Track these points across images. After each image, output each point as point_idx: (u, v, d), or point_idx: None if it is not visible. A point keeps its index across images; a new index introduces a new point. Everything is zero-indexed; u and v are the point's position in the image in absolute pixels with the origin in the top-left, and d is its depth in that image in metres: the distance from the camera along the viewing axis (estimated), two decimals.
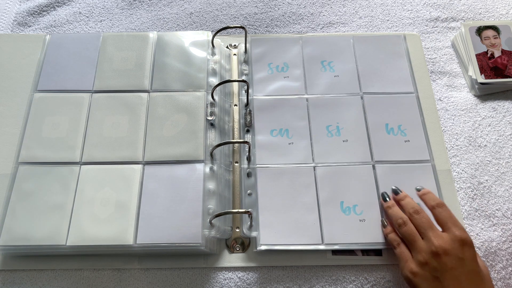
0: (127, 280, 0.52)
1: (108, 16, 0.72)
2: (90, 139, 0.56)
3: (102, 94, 0.59)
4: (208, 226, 0.50)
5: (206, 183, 0.53)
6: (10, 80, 0.63)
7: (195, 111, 0.57)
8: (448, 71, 0.66)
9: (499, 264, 0.52)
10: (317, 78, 0.63)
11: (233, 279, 0.52)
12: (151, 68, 0.61)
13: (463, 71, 0.66)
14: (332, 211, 0.53)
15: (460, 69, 0.67)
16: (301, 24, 0.71)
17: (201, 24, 0.71)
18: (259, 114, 0.60)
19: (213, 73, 0.61)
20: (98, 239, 0.50)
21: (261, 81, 0.63)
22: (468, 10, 0.72)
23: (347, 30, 0.70)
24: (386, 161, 0.57)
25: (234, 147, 0.59)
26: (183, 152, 0.55)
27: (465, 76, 0.66)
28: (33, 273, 0.52)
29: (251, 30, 0.70)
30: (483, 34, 0.66)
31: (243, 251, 0.53)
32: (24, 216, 0.51)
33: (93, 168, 0.54)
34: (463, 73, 0.66)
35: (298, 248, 0.51)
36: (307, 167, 0.56)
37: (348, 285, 0.51)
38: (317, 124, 0.59)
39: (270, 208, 0.53)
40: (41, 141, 0.56)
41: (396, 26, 0.70)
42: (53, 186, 0.53)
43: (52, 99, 0.59)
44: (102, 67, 0.61)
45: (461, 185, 0.57)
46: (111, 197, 0.52)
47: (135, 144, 0.55)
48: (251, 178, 0.56)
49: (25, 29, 0.71)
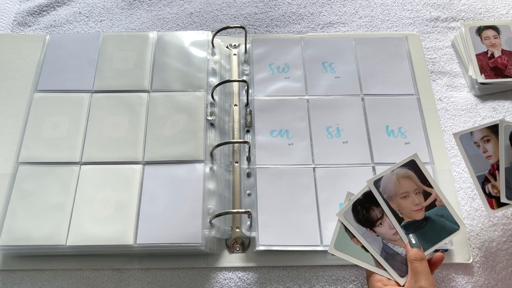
0: (127, 280, 0.52)
1: (108, 16, 0.72)
2: (90, 139, 0.56)
3: (102, 94, 0.59)
4: (208, 226, 0.50)
5: (206, 183, 0.53)
6: (10, 80, 0.63)
7: (195, 111, 0.57)
8: (448, 71, 0.66)
9: (499, 264, 0.52)
10: (318, 79, 0.63)
11: (233, 279, 0.52)
12: (151, 68, 0.61)
13: (463, 71, 0.66)
14: (331, 212, 0.53)
15: (460, 69, 0.67)
16: (301, 24, 0.71)
17: (201, 24, 0.71)
18: (259, 114, 0.60)
19: (213, 73, 0.61)
20: (98, 239, 0.50)
21: (262, 81, 0.63)
22: (468, 10, 0.72)
23: (347, 30, 0.70)
24: (386, 163, 0.57)
25: (234, 147, 0.59)
26: (183, 152, 0.55)
27: (465, 76, 0.66)
28: (33, 273, 0.52)
29: (251, 30, 0.70)
30: (483, 34, 0.66)
31: (243, 251, 0.53)
32: (24, 216, 0.51)
33: (93, 168, 0.54)
34: (463, 73, 0.66)
35: (296, 249, 0.51)
36: (307, 168, 0.56)
37: (348, 285, 0.51)
38: (317, 125, 0.59)
39: (269, 209, 0.54)
40: (41, 141, 0.56)
41: (396, 26, 0.70)
42: (53, 186, 0.53)
43: (52, 99, 0.59)
44: (102, 67, 0.61)
45: (461, 185, 0.57)
46: (111, 197, 0.52)
47: (135, 144, 0.55)
48: (250, 178, 0.56)
49: (25, 29, 0.71)
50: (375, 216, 0.48)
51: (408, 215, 0.47)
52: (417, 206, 0.47)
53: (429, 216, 0.47)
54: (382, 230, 0.47)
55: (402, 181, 0.48)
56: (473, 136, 0.50)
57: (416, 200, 0.48)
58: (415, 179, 0.48)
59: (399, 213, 0.47)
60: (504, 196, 0.48)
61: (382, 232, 0.47)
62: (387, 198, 0.48)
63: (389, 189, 0.48)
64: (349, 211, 0.48)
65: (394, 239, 0.47)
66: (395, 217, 0.47)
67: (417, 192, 0.48)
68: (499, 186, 0.49)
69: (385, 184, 0.48)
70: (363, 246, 0.47)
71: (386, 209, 0.47)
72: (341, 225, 0.48)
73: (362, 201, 0.48)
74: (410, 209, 0.47)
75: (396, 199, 0.48)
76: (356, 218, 0.48)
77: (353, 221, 0.48)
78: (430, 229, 0.47)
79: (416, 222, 0.47)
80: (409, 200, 0.48)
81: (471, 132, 0.50)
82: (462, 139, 0.50)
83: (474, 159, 0.50)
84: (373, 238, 0.47)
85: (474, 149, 0.50)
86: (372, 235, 0.47)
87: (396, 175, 0.48)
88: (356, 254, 0.47)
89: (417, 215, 0.47)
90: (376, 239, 0.47)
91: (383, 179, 0.48)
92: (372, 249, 0.47)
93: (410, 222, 0.47)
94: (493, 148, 0.50)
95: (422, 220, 0.47)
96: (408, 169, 0.48)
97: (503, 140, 0.49)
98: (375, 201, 0.48)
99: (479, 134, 0.50)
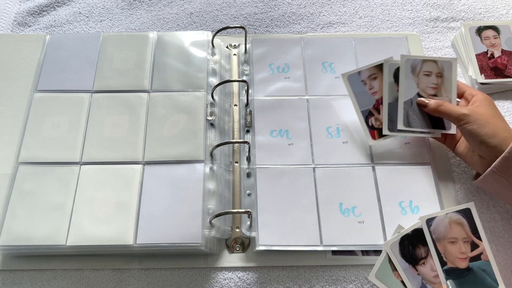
0: (127, 280, 0.52)
1: (108, 16, 0.72)
2: (90, 139, 0.56)
3: (102, 94, 0.59)
4: (208, 226, 0.50)
5: (206, 183, 0.53)
6: (10, 80, 0.63)
7: (195, 111, 0.57)
8: None
9: (499, 264, 0.52)
10: (318, 79, 0.63)
11: (233, 279, 0.52)
12: (151, 68, 0.61)
13: (463, 71, 0.66)
14: (331, 212, 0.53)
15: (460, 69, 0.67)
16: (301, 24, 0.71)
17: (201, 24, 0.71)
18: (259, 114, 0.60)
19: (213, 73, 0.61)
20: (98, 239, 0.50)
21: (262, 81, 0.63)
22: (468, 10, 0.72)
23: (347, 30, 0.70)
24: (386, 163, 0.57)
25: (234, 147, 0.59)
26: (183, 152, 0.55)
27: (465, 76, 0.66)
28: (33, 273, 0.52)
29: (251, 30, 0.70)
30: (483, 34, 0.66)
31: (243, 251, 0.53)
32: (24, 216, 0.51)
33: (93, 168, 0.54)
34: (463, 73, 0.66)
35: (296, 249, 0.51)
36: (307, 168, 0.56)
37: (348, 285, 0.51)
38: (317, 125, 0.59)
39: (269, 209, 0.54)
40: (41, 141, 0.56)
41: (396, 26, 0.70)
42: (53, 186, 0.53)
43: (52, 99, 0.59)
44: (102, 67, 0.61)
45: (461, 185, 0.57)
46: (111, 197, 0.52)
47: (135, 144, 0.55)
48: (250, 178, 0.56)
49: (25, 29, 0.71)
50: (420, 254, 0.49)
51: (452, 261, 0.48)
52: (463, 254, 0.48)
53: (472, 267, 0.48)
54: (424, 269, 0.48)
55: (454, 226, 0.49)
56: (361, 75, 0.56)
57: (463, 248, 0.48)
58: (466, 228, 0.49)
59: (444, 257, 0.48)
60: (387, 129, 0.54)
61: (423, 271, 0.48)
62: (435, 239, 0.49)
63: (439, 231, 0.49)
64: (396, 244, 0.49)
65: (433, 282, 0.48)
66: (439, 260, 0.48)
67: (465, 241, 0.49)
68: (382, 119, 0.55)
69: (436, 225, 0.49)
70: (403, 282, 0.48)
71: (432, 250, 0.48)
72: (386, 256, 0.49)
73: (411, 236, 0.49)
74: (456, 255, 0.48)
75: (443, 242, 0.48)
76: (402, 253, 0.49)
77: (398, 254, 0.49)
78: (470, 281, 0.47)
79: (458, 270, 0.48)
80: (456, 246, 0.48)
81: (359, 72, 0.56)
82: (350, 79, 0.56)
83: (360, 95, 0.56)
84: (414, 276, 0.48)
85: (360, 87, 0.56)
86: (414, 272, 0.48)
87: (449, 219, 0.49)
88: (394, 286, 0.48)
89: (461, 263, 0.48)
90: (416, 277, 0.48)
91: (435, 219, 0.49)
92: (411, 286, 0.47)
93: (452, 268, 0.48)
94: (379, 85, 0.56)
95: (464, 269, 0.48)
96: (462, 216, 0.49)
97: (387, 78, 0.55)
98: (423, 239, 0.49)
99: (367, 73, 0.56)
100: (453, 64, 0.54)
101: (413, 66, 0.55)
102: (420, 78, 0.54)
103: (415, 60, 0.54)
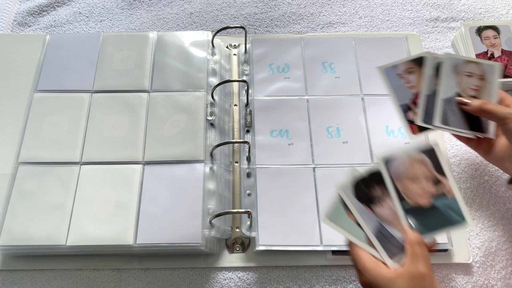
0: (127, 280, 0.52)
1: (108, 16, 0.72)
2: (90, 139, 0.56)
3: (102, 94, 0.59)
4: (208, 226, 0.50)
5: (206, 183, 0.53)
6: (10, 80, 0.63)
7: (195, 111, 0.57)
8: None
9: (499, 264, 0.52)
10: (318, 79, 0.63)
11: (233, 279, 0.52)
12: (151, 68, 0.61)
13: None
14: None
15: None
16: (301, 24, 0.71)
17: (201, 24, 0.71)
18: (259, 114, 0.60)
19: (213, 73, 0.61)
20: (98, 239, 0.50)
21: (262, 81, 0.63)
22: (468, 10, 0.72)
23: (347, 30, 0.70)
24: None
25: (234, 147, 0.59)
26: (183, 152, 0.55)
27: None
28: (33, 273, 0.52)
29: (251, 30, 0.70)
30: (483, 34, 0.66)
31: (243, 251, 0.53)
32: (24, 216, 0.51)
33: (93, 168, 0.54)
34: None
35: (296, 249, 0.51)
36: (307, 168, 0.56)
37: (348, 285, 0.51)
38: (317, 125, 0.59)
39: (269, 209, 0.54)
40: (41, 141, 0.56)
41: (396, 26, 0.70)
42: (53, 186, 0.53)
43: (52, 99, 0.59)
44: (102, 67, 0.61)
45: (461, 185, 0.57)
46: (111, 197, 0.52)
47: (135, 144, 0.55)
48: (250, 178, 0.56)
49: (25, 29, 0.71)
50: (375, 194, 0.46)
51: (413, 199, 0.45)
52: (424, 191, 0.46)
53: (436, 206, 0.45)
54: (381, 210, 0.45)
55: (415, 165, 0.46)
56: (397, 68, 0.54)
57: (425, 186, 0.46)
58: (429, 167, 0.46)
59: (405, 195, 0.45)
60: (421, 120, 0.52)
61: (380, 212, 0.45)
62: (394, 178, 0.46)
63: (399, 170, 0.46)
64: (349, 186, 0.46)
65: (392, 222, 0.45)
66: (398, 198, 0.45)
67: (428, 179, 0.46)
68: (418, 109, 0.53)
69: (396, 165, 0.46)
70: (358, 223, 0.45)
71: (390, 189, 0.46)
72: (338, 197, 0.46)
73: (367, 179, 0.46)
74: (417, 193, 0.46)
75: (403, 181, 0.46)
76: (356, 194, 0.46)
77: (351, 196, 0.46)
78: (434, 219, 0.45)
79: (421, 209, 0.45)
80: (417, 184, 0.46)
81: (395, 65, 0.54)
82: (387, 72, 0.54)
83: (398, 89, 0.53)
84: (370, 217, 0.45)
85: (398, 81, 0.53)
86: (369, 213, 0.45)
87: (410, 158, 0.46)
88: (349, 228, 0.45)
89: (422, 200, 0.45)
90: (372, 218, 0.45)
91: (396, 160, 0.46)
92: (367, 227, 0.45)
93: (414, 208, 0.45)
94: (416, 78, 0.53)
95: (428, 208, 0.45)
96: (426, 156, 0.47)
97: (428, 70, 0.53)
98: (379, 180, 0.46)
99: (403, 67, 0.54)
100: (495, 68, 0.52)
101: (455, 65, 0.53)
102: (461, 78, 0.53)
103: (457, 59, 0.53)
